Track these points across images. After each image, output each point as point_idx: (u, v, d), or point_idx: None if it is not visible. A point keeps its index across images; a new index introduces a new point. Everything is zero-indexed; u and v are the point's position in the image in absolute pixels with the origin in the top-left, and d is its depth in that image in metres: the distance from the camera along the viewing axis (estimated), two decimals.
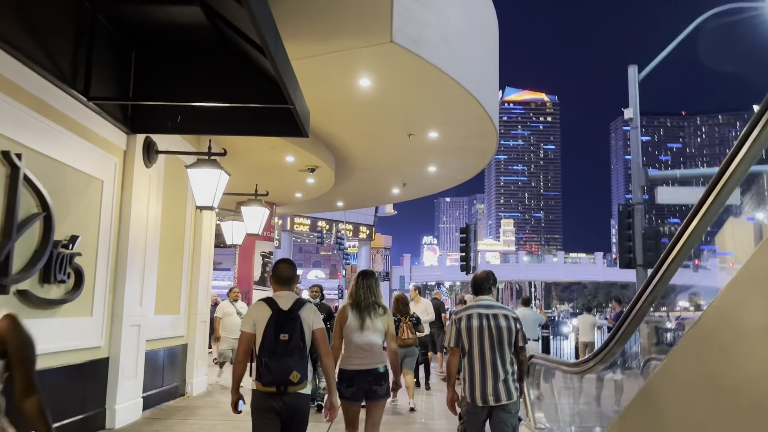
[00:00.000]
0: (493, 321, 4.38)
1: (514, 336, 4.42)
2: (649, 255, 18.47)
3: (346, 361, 4.65)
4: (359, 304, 4.72)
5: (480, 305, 4.48)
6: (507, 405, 4.27)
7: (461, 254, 24.10)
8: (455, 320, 4.48)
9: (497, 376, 4.28)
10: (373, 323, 4.66)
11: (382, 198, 18.48)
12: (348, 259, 50.76)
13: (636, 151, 19.22)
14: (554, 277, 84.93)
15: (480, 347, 4.33)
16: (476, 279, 4.67)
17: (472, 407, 4.31)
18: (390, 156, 12.90)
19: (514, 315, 4.49)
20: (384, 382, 4.65)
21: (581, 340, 15.73)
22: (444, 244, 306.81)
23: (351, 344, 4.65)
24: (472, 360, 4.34)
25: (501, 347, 4.33)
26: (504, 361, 4.33)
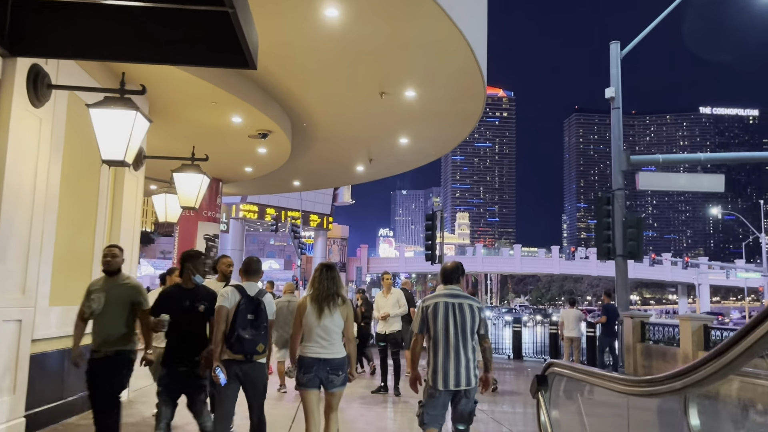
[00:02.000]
0: (458, 309, 4.57)
1: (478, 324, 4.62)
2: (630, 244, 17.17)
3: (305, 348, 4.77)
4: (320, 295, 4.83)
5: (447, 294, 4.66)
6: (468, 390, 4.50)
7: (426, 242, 22.49)
8: (422, 308, 4.67)
9: (459, 362, 4.47)
10: (332, 313, 4.78)
11: (345, 177, 16.56)
12: (303, 249, 48.65)
13: (617, 133, 17.92)
14: (511, 269, 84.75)
15: (444, 334, 4.51)
16: (445, 269, 4.83)
17: (434, 391, 4.48)
18: (357, 122, 11.06)
19: (478, 304, 4.70)
20: (342, 372, 4.78)
21: (566, 336, 14.34)
22: (400, 236, 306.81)
23: (311, 333, 4.76)
24: (437, 346, 4.52)
25: (464, 335, 4.52)
26: (467, 348, 4.52)
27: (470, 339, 4.56)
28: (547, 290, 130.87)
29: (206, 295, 4.97)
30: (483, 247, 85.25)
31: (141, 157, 8.37)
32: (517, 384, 12.31)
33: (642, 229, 17.04)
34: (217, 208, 14.52)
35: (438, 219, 22.25)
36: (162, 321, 4.82)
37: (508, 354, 18.03)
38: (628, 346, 14.56)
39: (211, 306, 4.88)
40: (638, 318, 14.69)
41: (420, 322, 4.65)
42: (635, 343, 14.43)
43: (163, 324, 4.82)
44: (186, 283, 4.97)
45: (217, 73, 8.32)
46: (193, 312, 4.88)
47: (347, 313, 4.89)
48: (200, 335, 4.95)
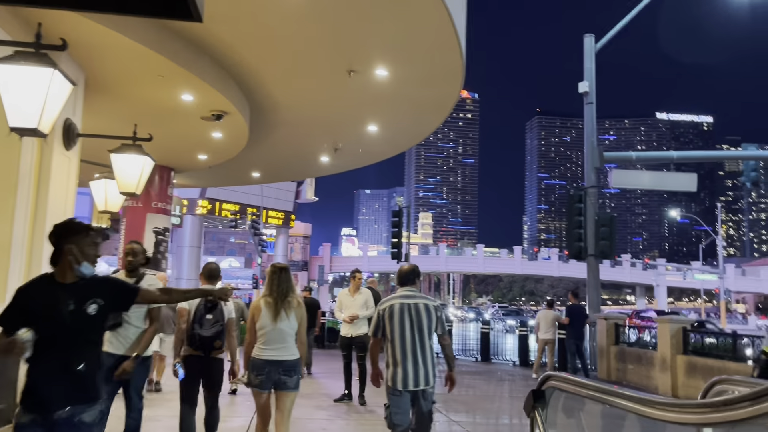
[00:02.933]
0: (414, 310, 4.63)
1: (435, 323, 4.69)
2: (603, 244, 16.67)
3: (259, 350, 4.79)
4: (274, 297, 4.85)
5: (403, 295, 4.71)
6: (426, 390, 4.56)
7: (392, 240, 21.72)
8: (379, 310, 4.72)
9: (417, 362, 4.53)
10: (287, 315, 4.80)
11: (309, 168, 15.55)
12: (264, 247, 47.34)
13: (590, 129, 17.41)
14: (474, 269, 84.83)
15: (401, 335, 4.56)
16: (402, 271, 4.90)
17: (395, 392, 4.53)
18: (322, 105, 10.14)
19: (435, 304, 4.76)
20: (295, 374, 4.81)
21: (541, 338, 13.69)
22: (363, 236, 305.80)
23: (264, 335, 4.78)
24: (395, 347, 4.57)
25: (422, 335, 4.58)
26: (424, 348, 4.57)
27: (428, 339, 4.63)
28: (509, 290, 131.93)
29: (98, 289, 3.04)
30: (446, 247, 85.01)
31: (72, 134, 7.29)
32: (487, 388, 11.59)
33: (614, 228, 16.57)
34: (168, 199, 13.39)
35: (405, 216, 21.50)
36: (18, 342, 2.76)
37: (476, 356, 17.35)
38: (602, 348, 14.01)
39: (113, 303, 3.13)
40: (612, 320, 14.15)
41: (376, 325, 4.72)
42: (609, 345, 13.89)
43: (20, 347, 2.77)
44: (63, 274, 2.97)
45: (163, 41, 7.32)
46: (79, 318, 2.92)
47: (301, 315, 4.95)
48: (92, 356, 3.02)
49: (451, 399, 10.12)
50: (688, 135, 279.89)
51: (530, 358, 16.11)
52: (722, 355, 10.59)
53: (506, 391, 11.45)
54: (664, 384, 11.61)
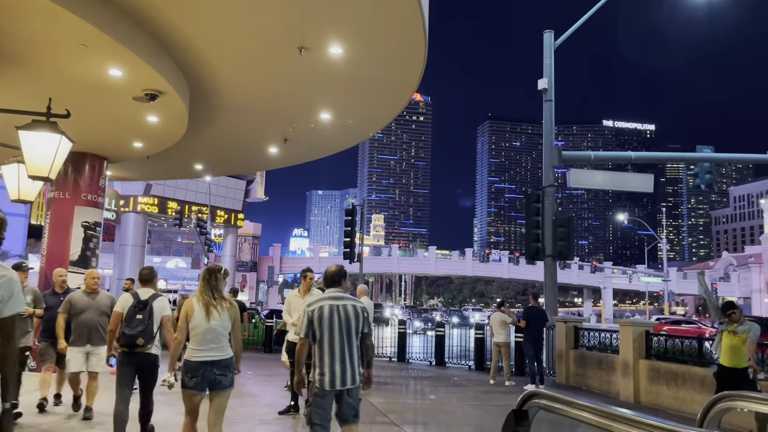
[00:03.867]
0: (342, 311, 4.73)
1: (361, 324, 4.81)
2: (560, 245, 16.28)
3: (192, 352, 4.87)
4: (207, 297, 4.96)
5: (331, 297, 4.81)
6: (352, 389, 4.68)
7: (345, 239, 20.91)
8: (307, 311, 4.76)
9: (345, 362, 4.64)
10: (220, 315, 4.91)
11: (256, 161, 14.54)
12: (211, 247, 45.73)
13: (549, 127, 17.02)
14: (425, 271, 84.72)
15: (330, 335, 4.65)
16: (329, 272, 4.98)
17: (321, 391, 4.60)
18: (270, 88, 9.26)
19: (361, 305, 4.89)
20: (229, 372, 4.93)
21: (494, 341, 13.11)
22: (315, 237, 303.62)
23: (197, 336, 4.87)
24: (323, 347, 4.65)
25: (349, 335, 4.71)
26: (351, 348, 4.71)
27: (355, 339, 4.74)
28: (459, 292, 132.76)
29: None
30: (398, 248, 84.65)
31: None
32: (444, 396, 10.92)
33: (572, 228, 16.23)
34: (100, 191, 12.21)
35: (358, 214, 20.72)
36: None
37: (431, 360, 16.71)
38: (561, 352, 13.55)
39: None
40: (572, 322, 13.71)
41: (306, 326, 4.73)
42: (568, 349, 13.44)
43: None
44: None
45: (88, 5, 6.34)
46: None
47: (234, 314, 5.04)
48: None
49: (406, 409, 9.40)
50: (632, 142, 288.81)
51: (486, 361, 15.59)
52: (687, 359, 10.21)
53: (464, 399, 10.80)
54: (625, 389, 11.18)
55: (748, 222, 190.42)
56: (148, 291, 5.91)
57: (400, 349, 17.01)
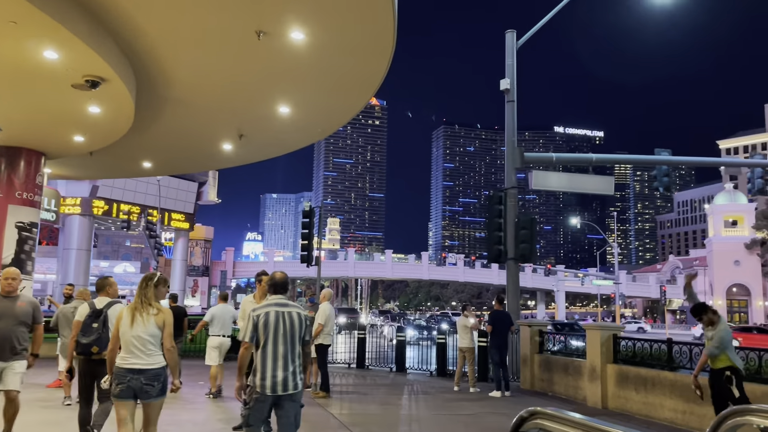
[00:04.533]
0: (287, 317, 4.80)
1: (304, 330, 4.89)
2: (523, 247, 16.05)
3: (119, 359, 4.86)
4: (134, 305, 4.97)
5: (276, 303, 4.87)
6: (294, 394, 4.71)
7: (303, 242, 20.21)
8: (253, 316, 4.78)
9: (287, 367, 4.70)
10: (144, 323, 4.87)
11: (209, 159, 13.74)
12: (161, 251, 44.23)
13: (511, 128, 16.79)
14: (382, 274, 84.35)
15: (274, 341, 4.71)
16: (276, 279, 5.03)
17: (261, 396, 4.63)
18: (225, 79, 8.61)
19: (305, 313, 4.97)
20: (158, 383, 4.84)
21: (458, 346, 12.69)
22: (269, 241, 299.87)
23: (124, 343, 4.88)
24: (266, 352, 4.68)
25: (293, 341, 4.79)
26: (294, 354, 4.78)
27: (297, 345, 4.83)
28: (415, 295, 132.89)
29: None
30: (355, 252, 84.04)
31: None
32: (407, 405, 10.43)
33: (535, 230, 16.02)
34: (37, 190, 11.27)
35: (316, 216, 20.09)
36: None
37: (390, 366, 16.20)
38: (525, 357, 13.25)
39: None
40: (536, 326, 13.43)
41: (252, 331, 4.75)
42: (533, 354, 13.14)
43: None
44: None
45: None
46: None
47: (163, 322, 4.97)
48: None
49: (371, 420, 8.87)
50: (582, 148, 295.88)
51: (449, 367, 15.19)
52: (655, 364, 10.00)
53: (431, 407, 10.33)
54: (593, 395, 10.92)
55: (691, 226, 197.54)
56: (104, 300, 6.19)
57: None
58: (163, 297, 5.16)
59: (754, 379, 8.16)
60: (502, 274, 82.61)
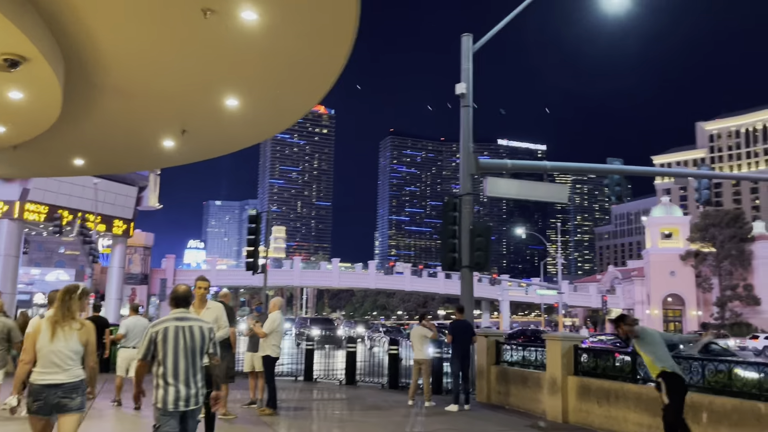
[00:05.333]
0: (188, 332, 4.72)
1: (207, 344, 4.83)
2: (478, 255, 15.65)
3: (35, 374, 4.69)
4: (54, 318, 4.77)
5: (177, 317, 4.78)
6: (195, 410, 4.70)
7: (248, 248, 19.30)
8: (150, 332, 4.68)
9: (189, 383, 4.64)
10: (66, 337, 4.72)
11: (149, 157, 12.68)
12: (97, 258, 42.08)
13: (467, 134, 16.42)
14: (328, 284, 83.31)
15: (174, 356, 4.62)
16: (178, 292, 4.93)
17: (164, 411, 4.56)
18: (167, 65, 7.79)
19: (208, 325, 4.90)
20: (76, 395, 4.74)
21: (414, 358, 12.13)
22: (212, 249, 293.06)
23: (41, 358, 4.70)
24: (167, 368, 4.61)
25: (194, 356, 4.71)
26: (196, 369, 4.71)
27: (200, 360, 4.73)
28: (361, 305, 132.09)
29: None
30: (301, 261, 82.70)
31: None
32: (363, 422, 9.77)
33: (490, 238, 15.66)
34: None
35: (263, 222, 19.22)
36: None
37: (340, 379, 15.50)
38: (481, 368, 12.80)
39: None
40: (493, 336, 13.01)
41: (146, 348, 4.65)
42: (489, 365, 12.71)
43: None
44: None
45: None
46: None
47: (88, 339, 4.85)
48: None
49: None
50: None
51: (401, 379, 14.61)
52: (618, 376, 9.69)
53: (388, 425, 9.70)
54: (553, 408, 10.53)
55: (628, 238, 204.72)
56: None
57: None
58: (85, 310, 5.03)
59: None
60: (448, 283, 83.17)
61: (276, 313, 10.06)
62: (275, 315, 10.03)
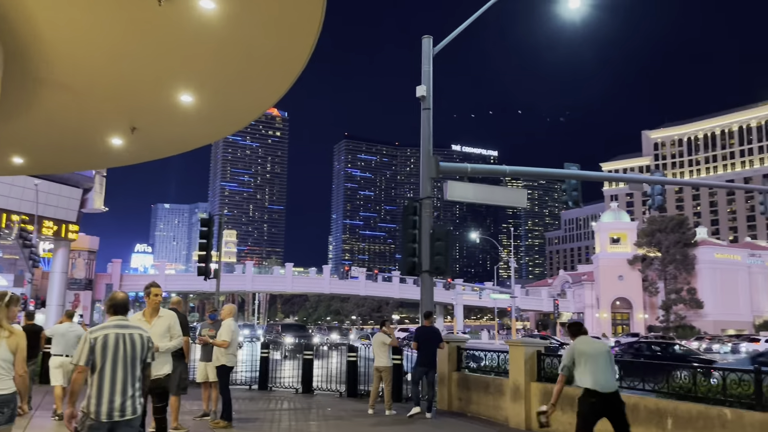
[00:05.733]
0: (129, 340, 4.63)
1: (146, 353, 4.74)
2: (438, 259, 15.46)
3: None
4: None
5: (117, 325, 4.68)
6: (131, 420, 4.54)
7: (200, 253, 18.61)
8: (89, 339, 4.55)
9: (126, 391, 4.53)
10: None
11: (95, 156, 11.91)
12: (38, 262, 40.17)
13: (427, 136, 16.23)
14: (282, 288, 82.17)
15: (113, 364, 4.51)
16: (116, 299, 4.83)
17: (95, 423, 4.41)
18: (115, 57, 7.26)
19: (147, 334, 4.81)
20: (7, 409, 4.57)
21: (374, 365, 11.82)
22: (160, 253, 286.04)
23: None
24: (103, 376, 4.49)
25: (133, 365, 4.62)
26: (134, 378, 4.61)
27: (138, 369, 4.65)
28: (315, 310, 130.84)
29: None
30: (253, 265, 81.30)
31: None
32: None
33: (450, 242, 15.50)
34: None
35: (216, 225, 18.58)
36: None
37: (296, 388, 15.04)
38: (443, 375, 12.57)
39: None
40: (454, 342, 12.81)
41: (87, 354, 4.52)
42: (451, 372, 12.50)
43: None
44: None
45: None
46: None
47: (18, 346, 4.65)
48: None
49: None
50: None
51: (360, 386, 14.26)
52: None
53: None
54: (516, 415, 10.38)
55: (577, 243, 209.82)
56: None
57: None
58: (15, 318, 4.79)
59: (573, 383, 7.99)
60: (403, 287, 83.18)
61: (230, 320, 9.62)
62: (230, 322, 9.58)
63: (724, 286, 77.96)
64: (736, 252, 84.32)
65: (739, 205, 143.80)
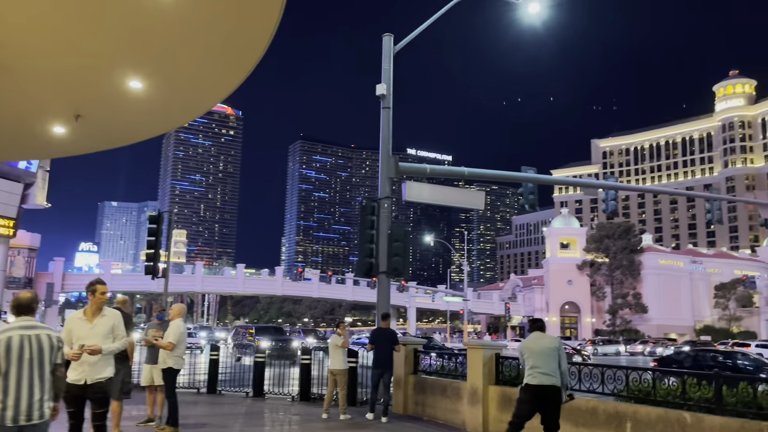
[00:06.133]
0: (35, 341, 4.46)
1: (54, 354, 4.57)
2: (395, 260, 15.21)
3: None
4: None
5: (22, 326, 4.50)
6: (38, 425, 4.40)
7: (148, 251, 17.88)
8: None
9: (33, 395, 4.38)
10: None
11: (35, 144, 11.16)
12: None
13: (387, 136, 15.98)
14: (232, 290, 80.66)
15: (18, 367, 4.36)
16: (21, 299, 4.66)
17: (2, 428, 4.29)
18: (59, 39, 6.74)
19: (56, 334, 4.64)
20: None
21: (329, 368, 11.48)
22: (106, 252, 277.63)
23: None
24: (8, 380, 4.35)
25: (41, 367, 4.45)
26: (42, 381, 4.45)
27: (47, 370, 4.50)
28: (266, 312, 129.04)
29: None
30: (203, 266, 79.52)
31: None
32: None
33: (408, 243, 15.30)
34: None
35: (165, 222, 17.89)
36: None
37: (246, 391, 14.55)
38: (398, 378, 12.31)
39: None
40: (411, 345, 12.58)
41: None
42: (407, 375, 12.26)
43: None
44: None
45: None
46: None
47: None
48: None
49: None
50: None
51: (313, 390, 13.88)
52: None
53: None
54: (473, 419, 10.21)
55: (527, 248, 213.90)
56: None
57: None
58: None
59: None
60: (356, 290, 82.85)
61: (179, 321, 9.15)
62: (178, 323, 9.11)
63: (667, 292, 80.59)
64: (678, 258, 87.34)
65: (681, 213, 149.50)
